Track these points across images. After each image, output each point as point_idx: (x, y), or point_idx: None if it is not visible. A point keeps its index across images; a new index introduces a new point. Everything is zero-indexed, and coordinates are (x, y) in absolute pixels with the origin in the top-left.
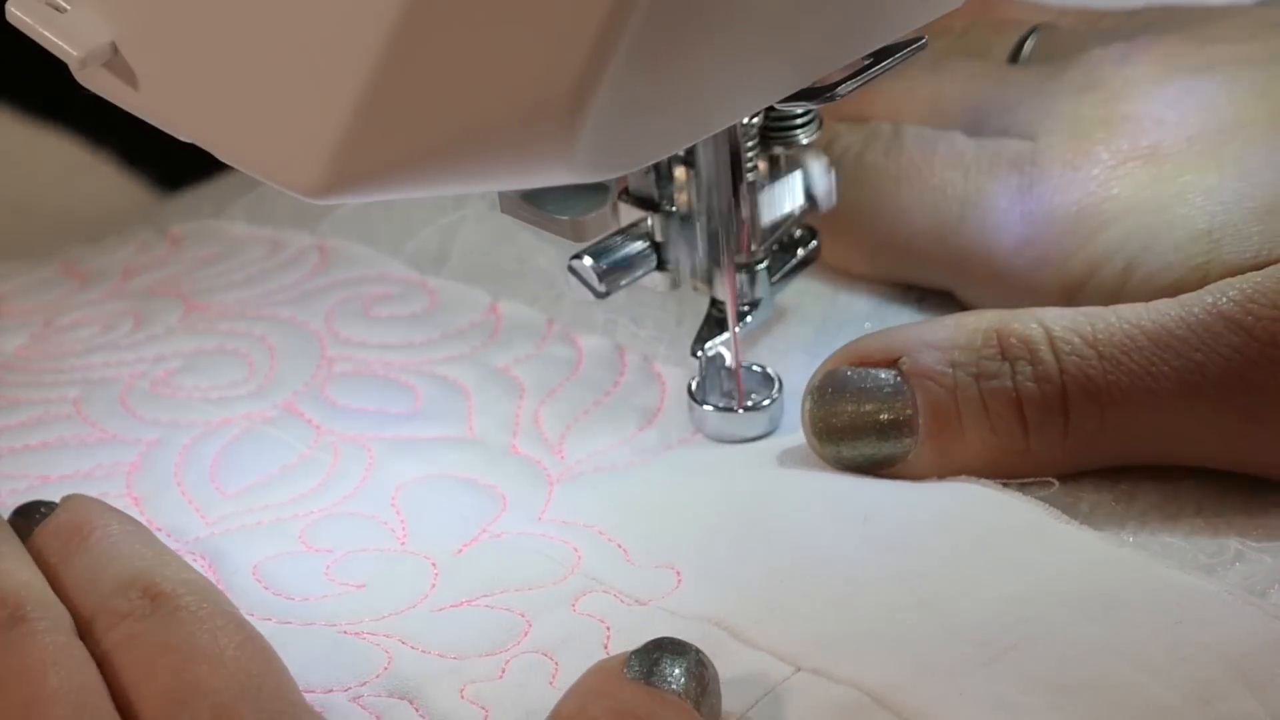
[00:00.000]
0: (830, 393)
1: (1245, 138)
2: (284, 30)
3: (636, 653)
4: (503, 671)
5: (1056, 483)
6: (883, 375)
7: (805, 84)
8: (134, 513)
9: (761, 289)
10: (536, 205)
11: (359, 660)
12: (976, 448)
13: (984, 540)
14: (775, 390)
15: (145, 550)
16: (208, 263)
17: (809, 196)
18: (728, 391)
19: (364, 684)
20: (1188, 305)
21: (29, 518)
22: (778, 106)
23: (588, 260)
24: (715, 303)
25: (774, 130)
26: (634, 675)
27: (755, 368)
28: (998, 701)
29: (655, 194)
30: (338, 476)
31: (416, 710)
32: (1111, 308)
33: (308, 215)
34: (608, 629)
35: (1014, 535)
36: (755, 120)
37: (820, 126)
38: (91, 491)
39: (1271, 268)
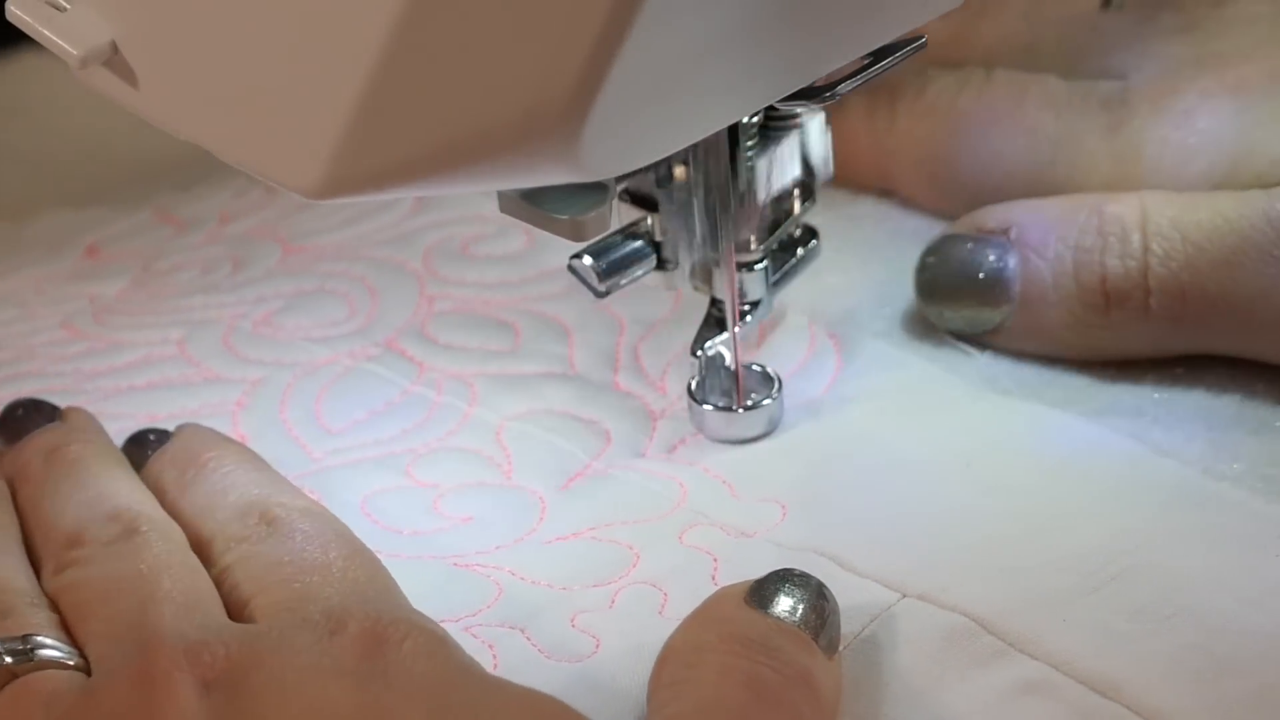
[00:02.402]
0: (940, 255)
1: None
2: (285, 30)
3: (758, 582)
4: (612, 601)
5: None
6: (991, 243)
7: (805, 84)
8: None
9: (761, 289)
10: (536, 205)
11: (470, 591)
12: (1065, 319)
13: (1084, 477)
14: (775, 390)
15: (261, 478)
16: (304, 207)
17: (806, 166)
18: (727, 391)
19: (475, 614)
20: (1274, 201)
21: (142, 445)
22: (778, 106)
23: (587, 259)
24: (715, 302)
25: (774, 130)
26: (754, 603)
27: (755, 367)
28: (1101, 628)
29: (655, 194)
30: (442, 412)
31: (528, 639)
32: (1211, 194)
33: None
34: (715, 560)
35: (1114, 472)
36: (755, 119)
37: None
38: None
39: None
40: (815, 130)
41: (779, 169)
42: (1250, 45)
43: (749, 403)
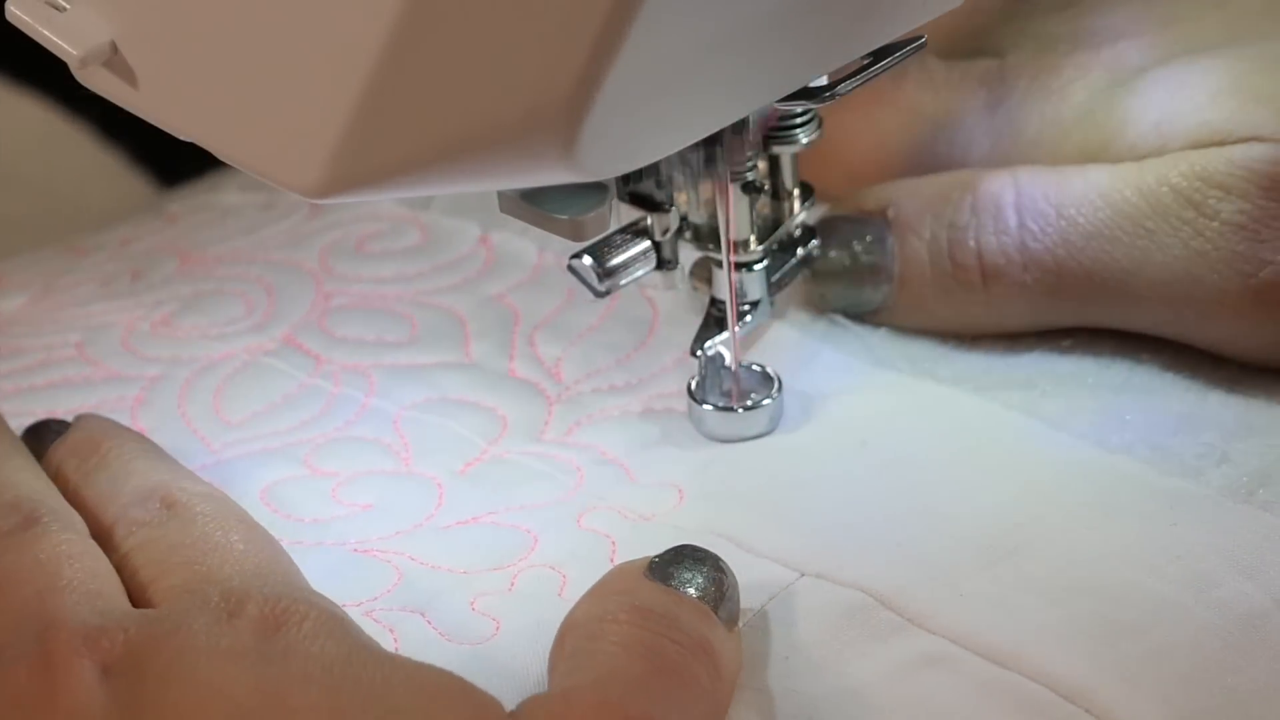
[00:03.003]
0: (821, 237)
1: (1196, 37)
2: (284, 30)
3: (657, 557)
4: (512, 584)
5: None
6: (870, 224)
7: (805, 83)
8: None
9: (761, 289)
10: (536, 205)
11: (370, 576)
12: (943, 298)
13: (978, 452)
14: (775, 389)
15: (161, 465)
16: (203, 226)
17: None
18: (727, 391)
19: (375, 599)
20: (1145, 173)
21: (41, 437)
22: (778, 106)
23: (587, 259)
24: (715, 302)
25: (774, 130)
26: (654, 577)
27: (755, 367)
28: (998, 601)
29: (655, 194)
30: (340, 402)
31: (429, 622)
32: (1083, 168)
33: None
34: (613, 543)
35: (1008, 446)
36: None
37: (820, 126)
38: None
39: (1218, 149)
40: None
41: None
42: (1125, 21)
43: (749, 403)
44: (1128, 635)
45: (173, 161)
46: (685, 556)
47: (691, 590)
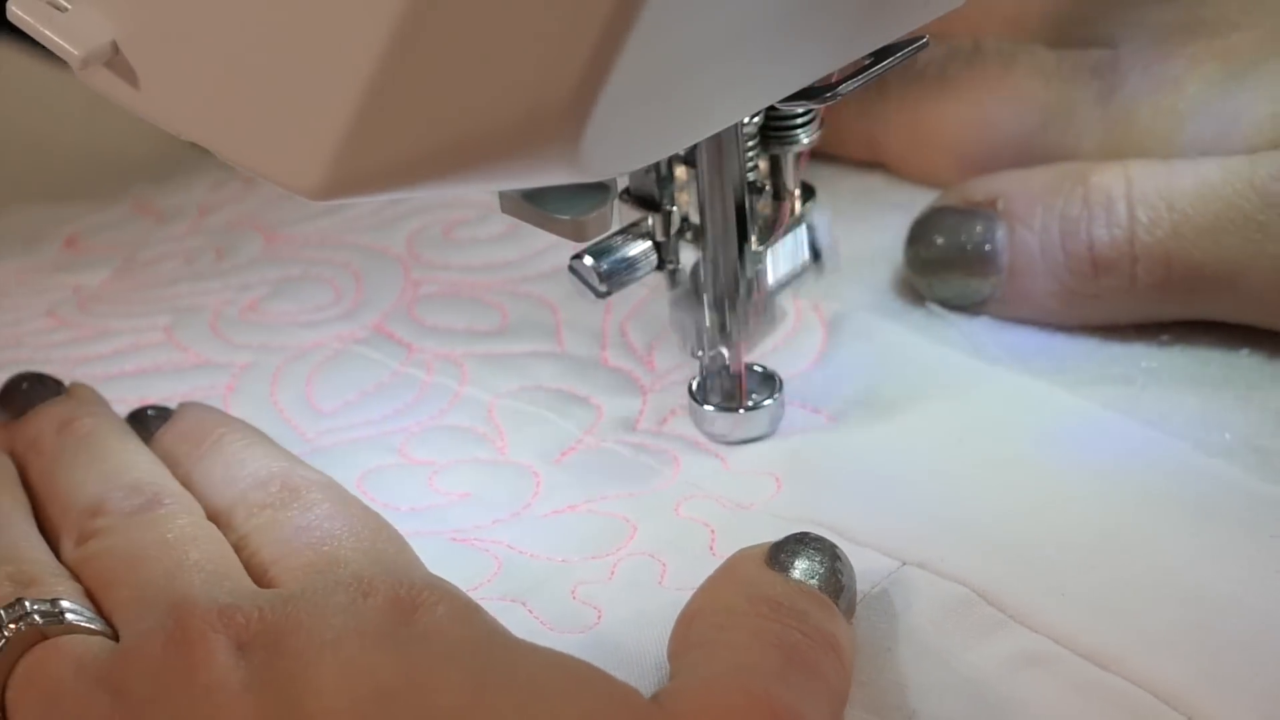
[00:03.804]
0: (929, 228)
1: None
2: (286, 30)
3: (777, 544)
4: (612, 573)
5: None
6: (979, 215)
7: (806, 84)
8: None
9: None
10: (537, 205)
11: (470, 565)
12: (1055, 289)
13: (1076, 453)
14: (776, 390)
15: (277, 451)
16: (283, 198)
17: (814, 251)
18: (729, 391)
19: (476, 588)
20: (1258, 167)
21: (143, 422)
22: (778, 106)
23: (588, 260)
24: (715, 302)
25: (774, 130)
26: (775, 566)
27: (756, 368)
28: (1099, 603)
29: (656, 193)
30: (433, 391)
31: (530, 611)
32: (1195, 161)
33: None
34: (712, 531)
35: (1106, 448)
36: (755, 120)
37: (821, 126)
38: None
39: None
40: (821, 222)
41: (785, 259)
42: (1238, 12)
43: (750, 403)
44: (1229, 645)
45: None
46: (805, 545)
47: (814, 581)
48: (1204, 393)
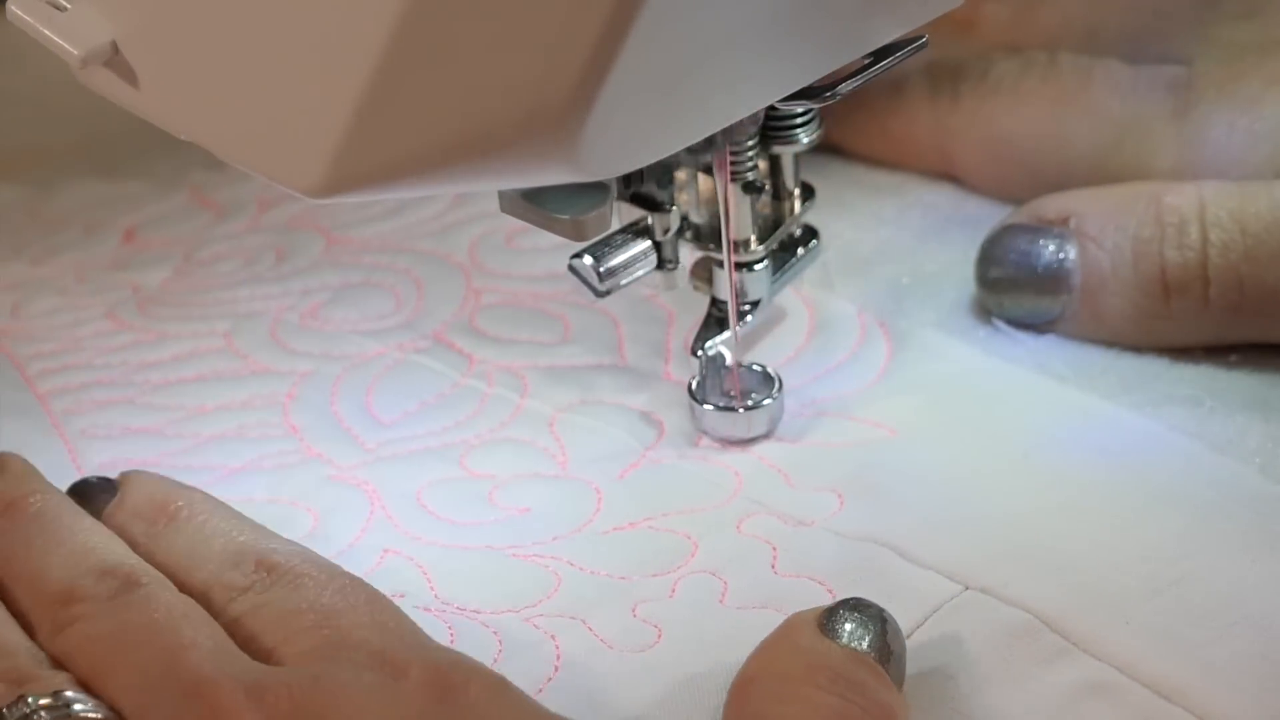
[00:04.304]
0: (1000, 245)
1: None
2: (286, 30)
3: (828, 610)
4: (673, 591)
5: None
6: (1050, 233)
7: (806, 83)
8: (293, 441)
9: (762, 289)
10: (537, 204)
11: (529, 582)
12: (1126, 310)
13: (1142, 476)
14: (775, 390)
15: (240, 523)
16: None
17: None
18: (728, 391)
19: (536, 605)
20: None
21: (88, 496)
22: (778, 106)
23: (588, 259)
24: (715, 302)
25: (774, 130)
26: (829, 633)
27: (755, 367)
28: (1164, 632)
29: (655, 193)
30: (494, 403)
31: (590, 629)
32: (1270, 183)
33: None
34: (774, 549)
35: (1173, 472)
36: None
37: (820, 126)
38: (249, 421)
39: None
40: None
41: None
42: None
43: (749, 403)
44: None
45: None
46: (856, 610)
47: (865, 646)
48: (1272, 416)
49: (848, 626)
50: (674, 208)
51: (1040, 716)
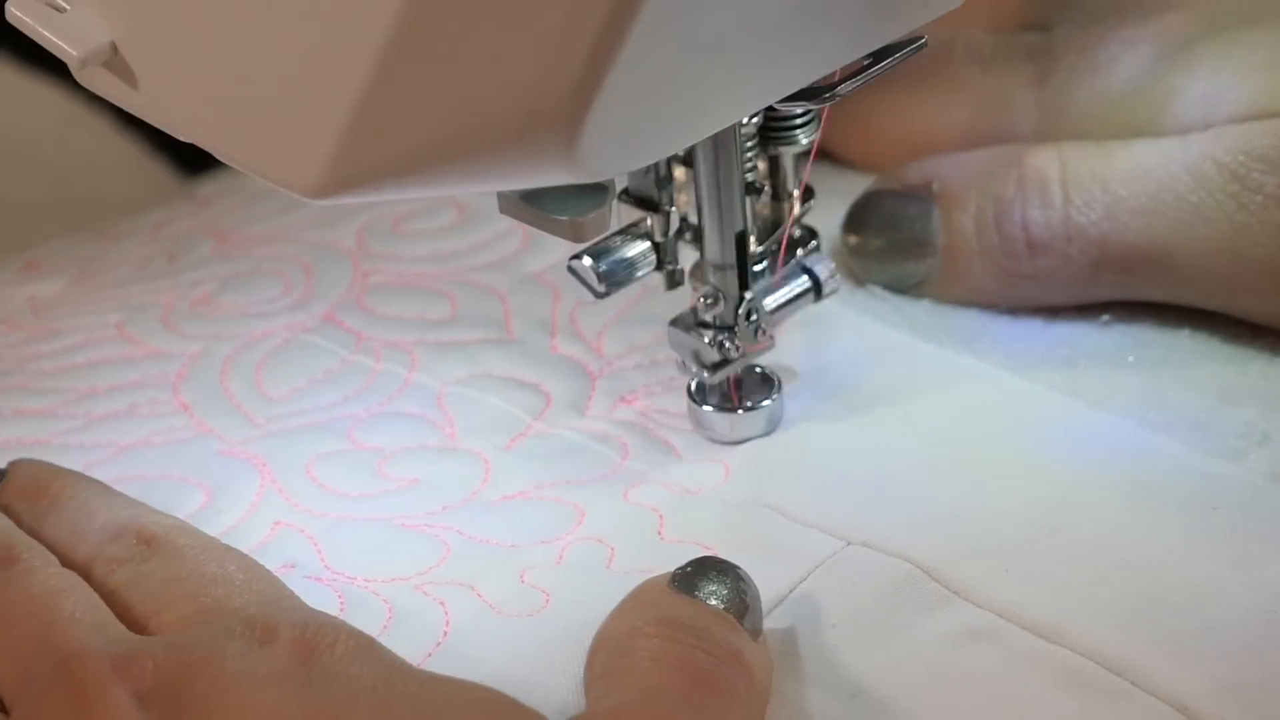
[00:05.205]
0: (864, 211)
1: (1243, 10)
2: (284, 31)
3: (680, 570)
4: (560, 557)
5: None
6: (914, 198)
7: (805, 84)
8: (183, 418)
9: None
10: (536, 205)
11: (419, 550)
12: (989, 270)
13: (1021, 432)
14: (774, 390)
15: (121, 500)
16: (236, 208)
17: (814, 281)
18: (727, 392)
19: (425, 572)
20: (1189, 148)
21: None
22: (778, 106)
23: (587, 260)
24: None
25: (774, 130)
26: (679, 590)
27: (755, 368)
28: (1043, 577)
29: (655, 194)
30: (382, 378)
31: (479, 595)
32: (1129, 143)
33: None
34: (660, 516)
35: (1050, 427)
36: (755, 120)
37: (820, 126)
38: (140, 399)
39: (1265, 122)
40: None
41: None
42: None
43: (748, 403)
44: (1171, 613)
45: (194, 148)
46: (708, 569)
47: (716, 602)
48: (1144, 372)
49: (699, 582)
50: (673, 209)
51: (922, 663)
